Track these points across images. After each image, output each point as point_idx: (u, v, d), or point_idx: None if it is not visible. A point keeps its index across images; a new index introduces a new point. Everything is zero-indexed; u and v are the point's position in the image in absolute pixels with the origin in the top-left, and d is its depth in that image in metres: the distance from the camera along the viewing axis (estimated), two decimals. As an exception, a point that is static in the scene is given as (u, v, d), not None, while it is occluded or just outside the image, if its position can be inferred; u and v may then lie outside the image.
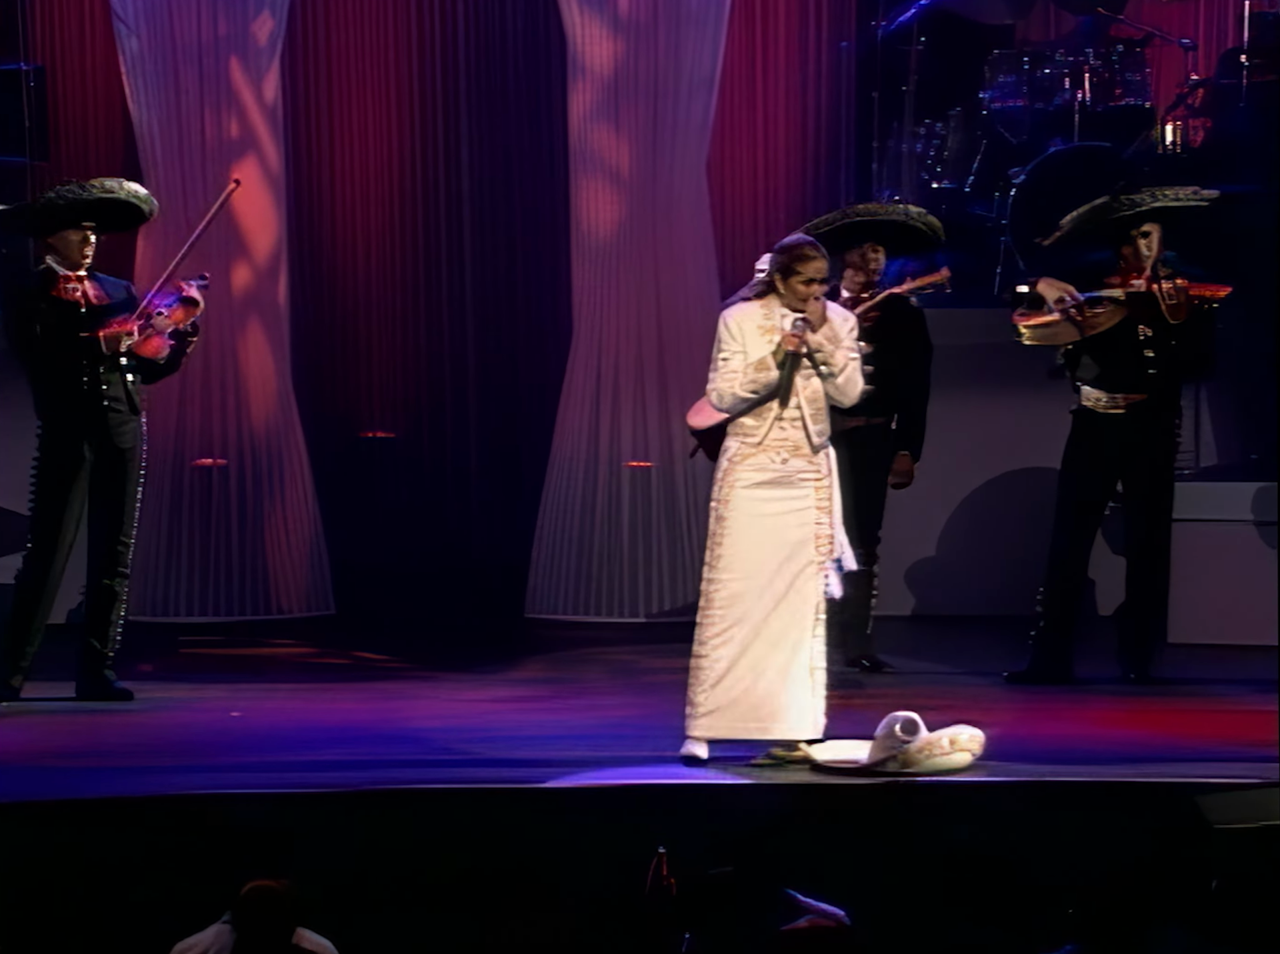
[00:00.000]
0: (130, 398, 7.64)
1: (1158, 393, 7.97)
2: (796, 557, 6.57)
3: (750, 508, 6.58)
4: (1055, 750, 6.70)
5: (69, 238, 7.55)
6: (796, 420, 6.58)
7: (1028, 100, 10.10)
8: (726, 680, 6.58)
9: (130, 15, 9.43)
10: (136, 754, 6.85)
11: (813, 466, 6.60)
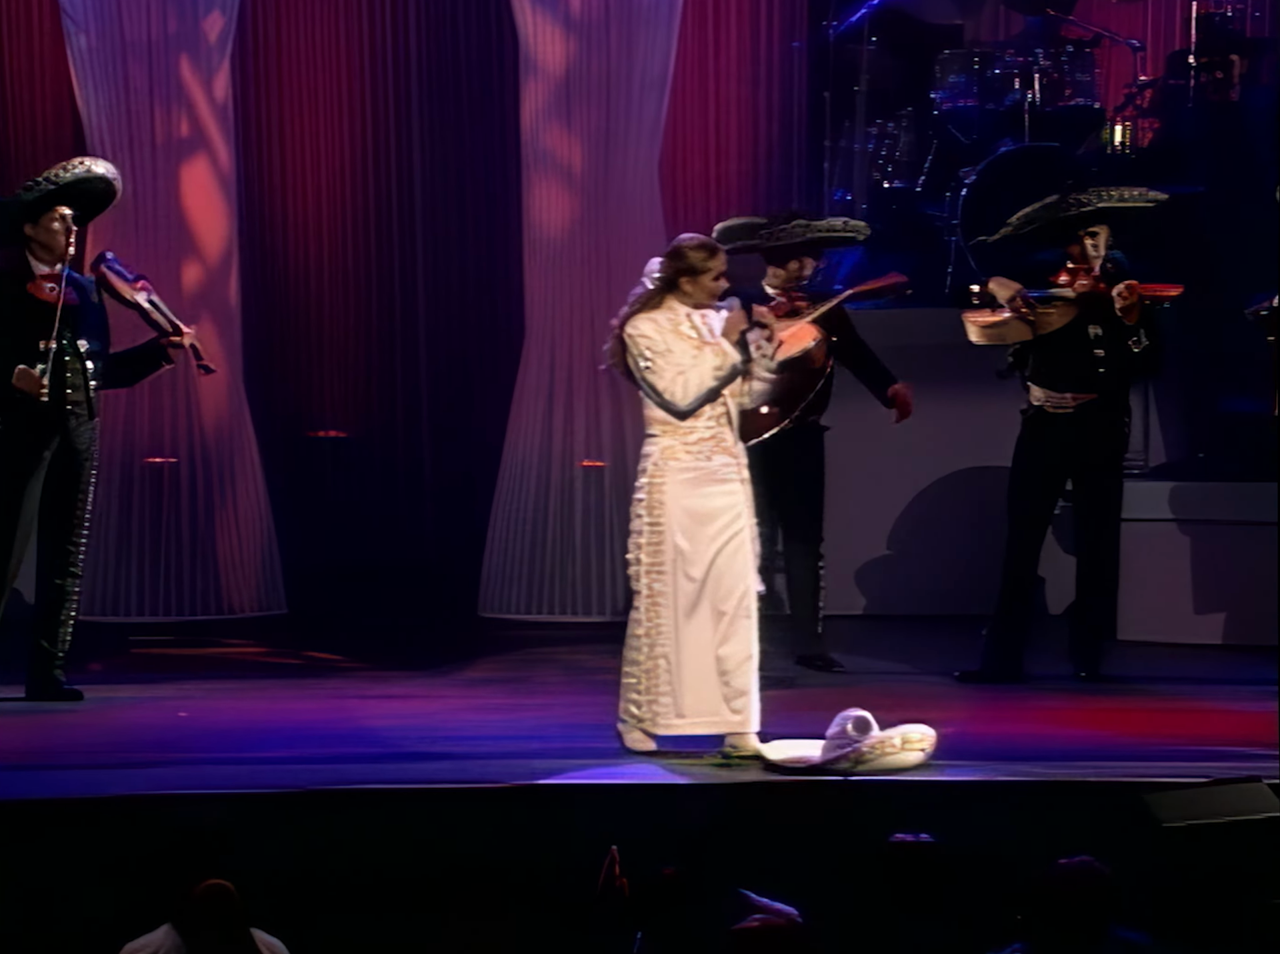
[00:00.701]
0: (90, 402, 7.59)
1: (1108, 392, 8.01)
2: (735, 551, 6.65)
3: (686, 505, 6.66)
4: (1006, 749, 6.73)
5: (52, 227, 7.43)
6: (723, 417, 6.67)
7: (978, 100, 10.14)
8: (684, 677, 6.62)
9: (79, 12, 9.38)
10: (85, 755, 6.81)
11: (736, 461, 6.71)
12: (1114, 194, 8.01)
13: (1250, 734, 6.98)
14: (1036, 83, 10.04)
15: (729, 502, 6.67)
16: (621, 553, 9.47)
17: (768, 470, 8.16)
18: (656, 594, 6.67)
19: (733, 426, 6.70)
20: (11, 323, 7.44)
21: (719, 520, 6.66)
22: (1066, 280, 8.00)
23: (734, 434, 6.71)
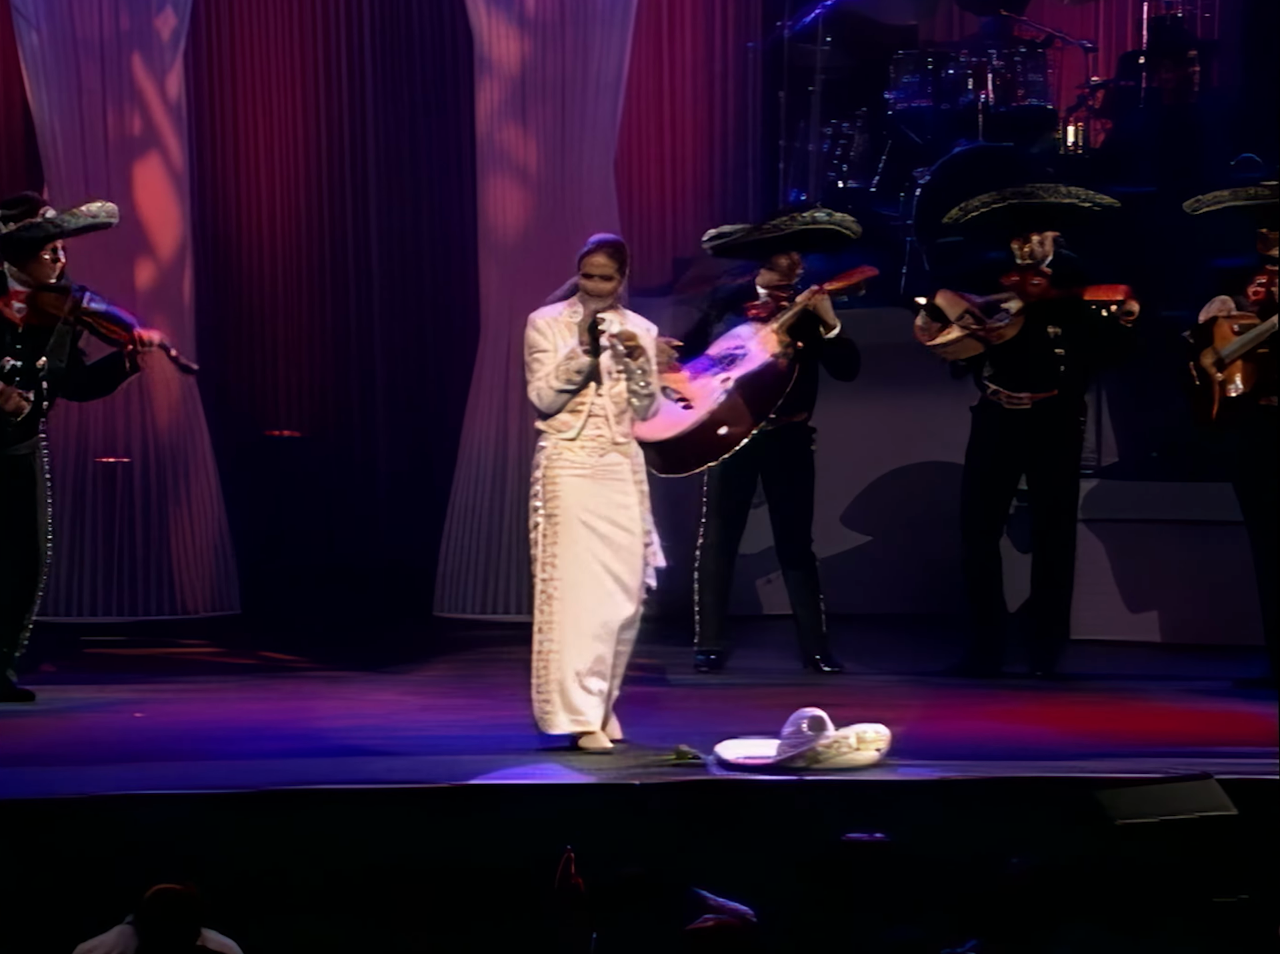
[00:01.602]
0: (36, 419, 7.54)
1: (1067, 390, 8.04)
2: (627, 550, 6.71)
3: (578, 502, 6.71)
4: (960, 747, 6.76)
5: (42, 258, 7.45)
6: (605, 420, 6.74)
7: (932, 101, 10.17)
8: (585, 676, 6.69)
9: (30, 9, 9.34)
10: (38, 755, 6.78)
11: (627, 460, 6.76)
12: (1063, 191, 8.03)
13: (1201, 732, 7.03)
14: (990, 83, 10.08)
15: (621, 500, 6.72)
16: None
17: (756, 470, 8.19)
18: (550, 591, 6.73)
19: (617, 426, 6.73)
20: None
21: (610, 518, 6.71)
22: (1015, 282, 8.01)
23: (618, 438, 6.73)
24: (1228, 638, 8.54)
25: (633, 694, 7.82)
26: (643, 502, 6.77)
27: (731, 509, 8.23)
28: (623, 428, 6.77)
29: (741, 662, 8.43)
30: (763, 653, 8.61)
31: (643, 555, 6.73)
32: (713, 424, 7.77)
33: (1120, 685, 8.05)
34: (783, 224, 8.05)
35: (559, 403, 6.73)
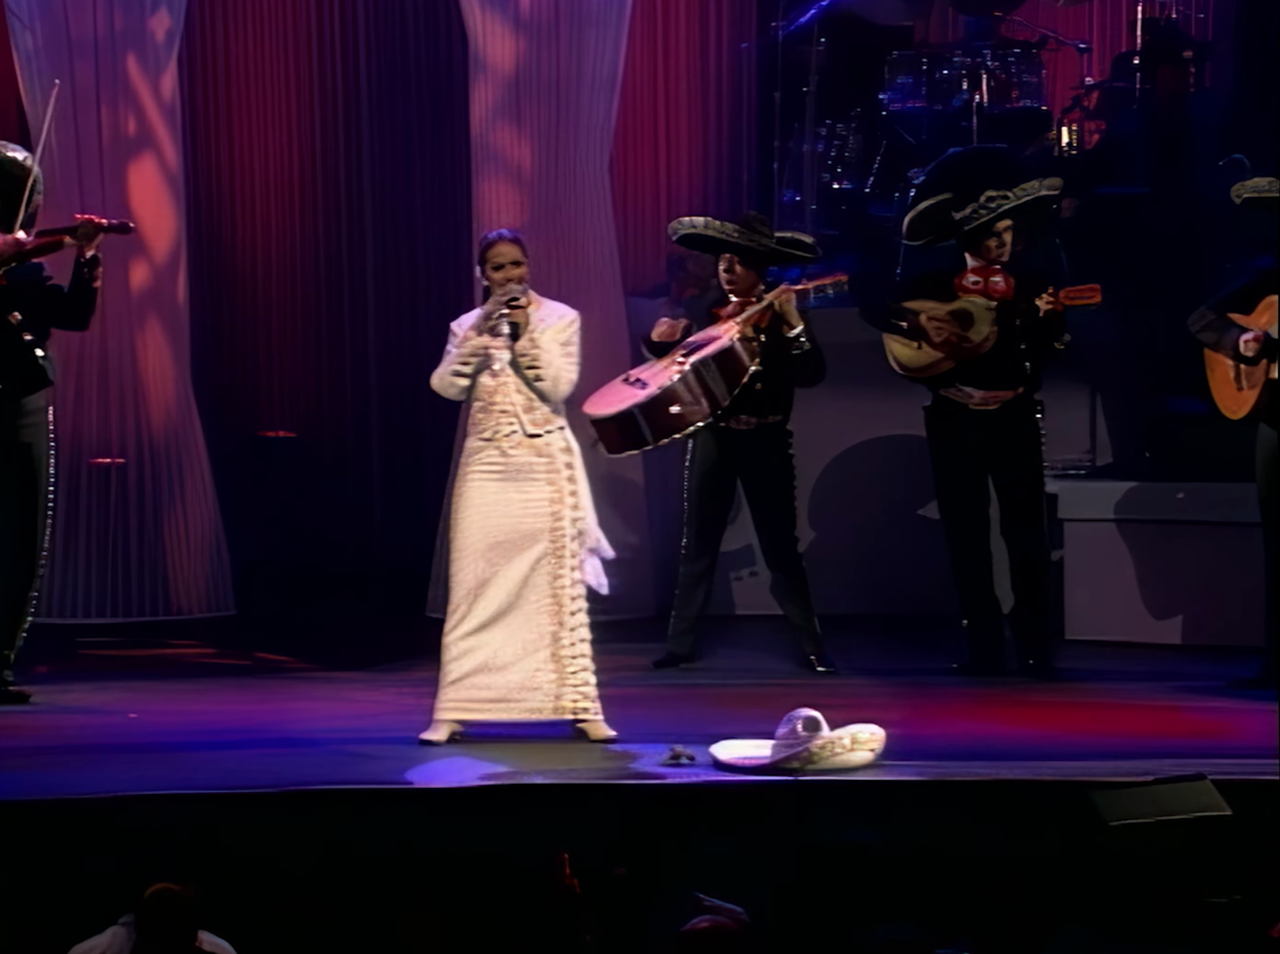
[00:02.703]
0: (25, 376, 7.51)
1: (1030, 388, 8.04)
2: (531, 547, 6.76)
3: (481, 499, 6.80)
4: (954, 748, 6.76)
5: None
6: (513, 413, 6.79)
7: (926, 102, 10.18)
8: (472, 667, 6.77)
9: (24, 10, 9.33)
10: (32, 756, 6.78)
11: (541, 458, 6.80)
12: (1013, 194, 8.04)
13: (1195, 732, 7.04)
14: (984, 84, 10.09)
15: (529, 497, 6.76)
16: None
17: (735, 474, 8.20)
18: (452, 584, 6.82)
19: (522, 422, 6.78)
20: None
21: (518, 516, 6.76)
22: (976, 282, 8.01)
23: (528, 428, 6.79)
24: (1223, 638, 8.54)
25: (627, 695, 7.83)
26: (564, 498, 6.79)
27: (710, 513, 8.25)
28: (533, 417, 6.81)
29: (730, 662, 8.44)
30: (749, 653, 8.62)
31: (558, 552, 6.75)
32: (665, 401, 7.79)
33: (1114, 686, 8.06)
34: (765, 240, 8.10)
35: (456, 387, 6.84)
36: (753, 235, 8.11)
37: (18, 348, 7.48)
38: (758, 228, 8.16)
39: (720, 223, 8.15)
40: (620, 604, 9.51)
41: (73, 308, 7.63)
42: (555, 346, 6.86)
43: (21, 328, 7.49)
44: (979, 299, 7.97)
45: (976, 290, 7.99)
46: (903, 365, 8.10)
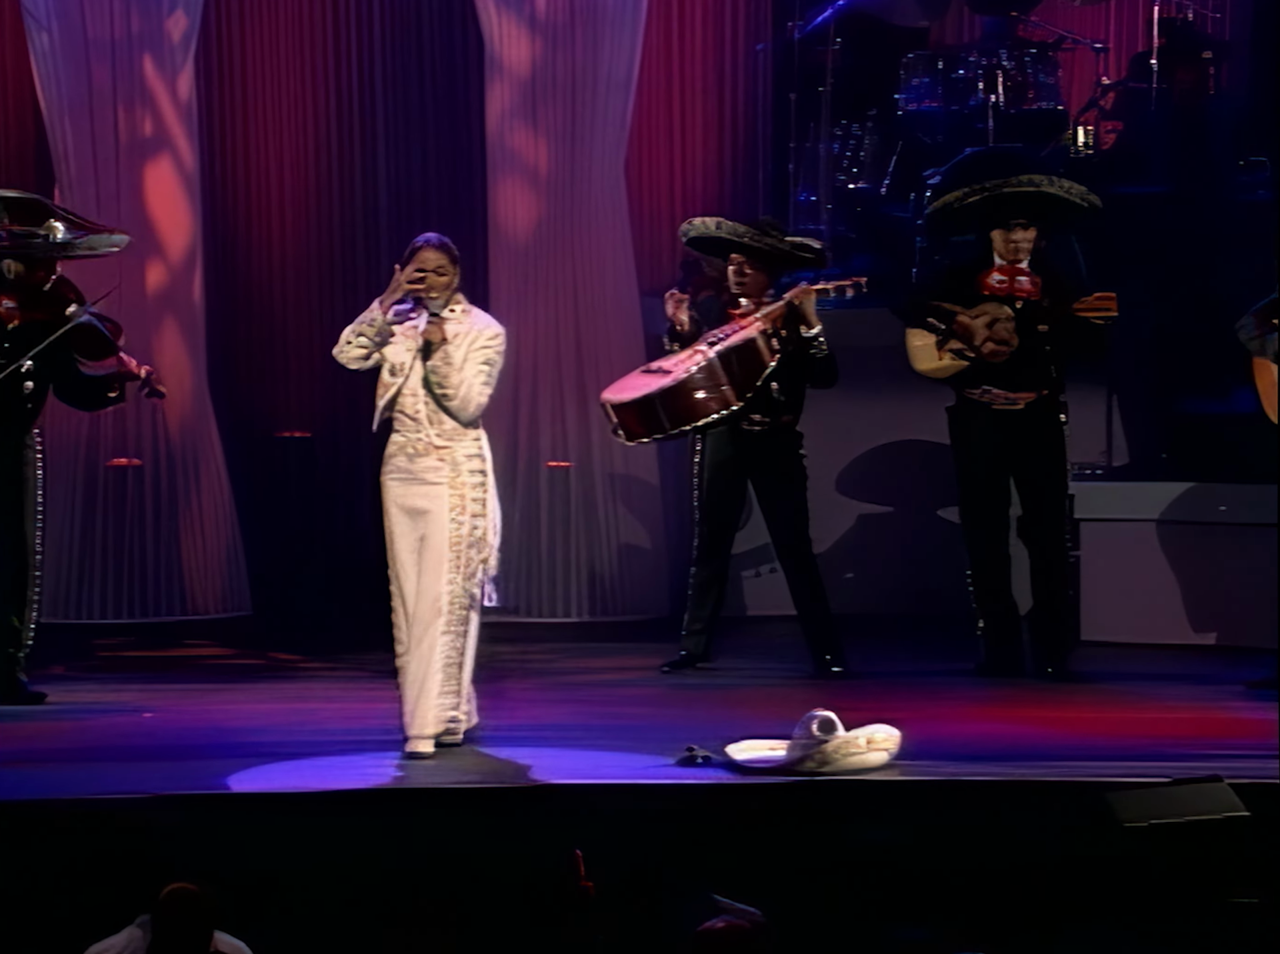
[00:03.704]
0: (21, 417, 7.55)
1: (1054, 389, 8.03)
2: (430, 555, 6.74)
3: (396, 508, 6.81)
4: (970, 749, 6.75)
5: (38, 276, 7.52)
6: (420, 421, 6.78)
7: (942, 102, 10.17)
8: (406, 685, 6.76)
9: (41, 11, 9.35)
10: (48, 757, 6.79)
11: (443, 465, 6.77)
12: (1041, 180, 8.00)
13: (1210, 733, 7.02)
14: (1000, 85, 10.08)
15: (428, 504, 6.74)
16: (586, 554, 9.53)
17: (745, 476, 8.19)
18: (392, 597, 6.81)
19: (431, 428, 6.76)
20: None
21: (412, 522, 6.76)
22: (1002, 281, 7.99)
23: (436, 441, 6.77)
24: (1238, 639, 8.53)
25: (642, 695, 7.84)
26: (466, 506, 6.76)
27: (722, 514, 8.24)
28: (439, 430, 6.78)
29: (744, 663, 8.43)
30: (763, 654, 8.61)
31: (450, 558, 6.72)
32: (686, 388, 7.80)
33: (1130, 687, 8.04)
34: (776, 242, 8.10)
35: (353, 355, 6.85)
36: (764, 237, 8.10)
37: (16, 394, 7.51)
38: (770, 231, 8.16)
39: (732, 223, 8.15)
40: (634, 605, 9.53)
41: (85, 396, 7.69)
42: (472, 366, 6.78)
43: (28, 376, 7.51)
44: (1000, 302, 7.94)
45: (1002, 289, 7.98)
46: (924, 370, 8.08)
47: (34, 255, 7.51)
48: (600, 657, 8.73)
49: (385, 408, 6.83)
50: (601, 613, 9.49)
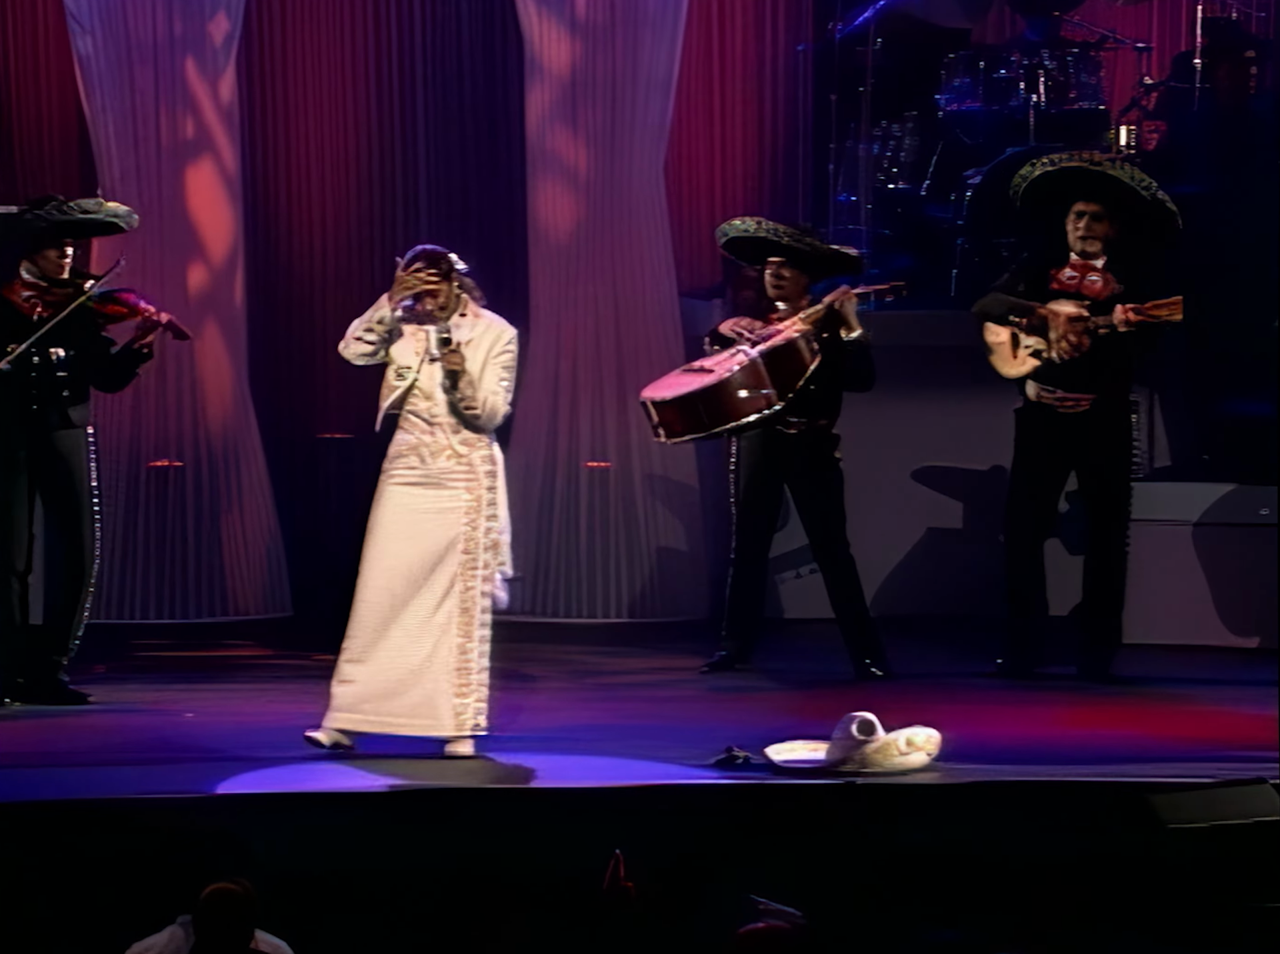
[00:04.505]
0: (63, 410, 7.59)
1: (1121, 389, 7.99)
2: (445, 557, 6.70)
3: (397, 502, 6.75)
4: (1011, 751, 6.73)
5: (48, 254, 7.56)
6: (438, 426, 6.75)
7: (983, 103, 10.14)
8: (363, 673, 6.70)
9: (84, 14, 9.39)
10: (90, 757, 6.82)
11: (462, 467, 6.74)
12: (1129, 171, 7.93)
13: (1255, 736, 6.98)
14: (1041, 85, 10.04)
15: (446, 506, 6.71)
16: (626, 554, 9.53)
17: (781, 479, 8.18)
18: (359, 587, 6.77)
19: (455, 435, 6.75)
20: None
21: (427, 525, 6.71)
22: (1072, 276, 7.94)
23: (458, 448, 6.75)
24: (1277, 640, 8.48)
25: (681, 696, 7.83)
26: (482, 509, 6.74)
27: (758, 517, 8.22)
28: (462, 437, 6.76)
29: (783, 664, 8.41)
30: (802, 656, 8.60)
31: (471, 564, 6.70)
32: (731, 387, 7.80)
33: (1171, 689, 8.01)
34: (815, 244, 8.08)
35: (354, 351, 6.88)
36: (804, 239, 8.09)
37: (50, 384, 7.55)
38: (809, 235, 8.15)
39: (772, 223, 8.13)
40: (674, 607, 9.52)
41: (111, 373, 7.71)
42: (491, 375, 6.76)
43: (60, 366, 7.55)
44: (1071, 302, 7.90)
45: (1071, 285, 7.93)
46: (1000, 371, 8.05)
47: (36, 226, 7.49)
48: (639, 658, 8.72)
49: (393, 406, 6.79)
50: (640, 614, 9.49)
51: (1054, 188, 7.99)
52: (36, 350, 7.51)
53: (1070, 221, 7.95)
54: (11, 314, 7.55)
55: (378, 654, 6.72)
